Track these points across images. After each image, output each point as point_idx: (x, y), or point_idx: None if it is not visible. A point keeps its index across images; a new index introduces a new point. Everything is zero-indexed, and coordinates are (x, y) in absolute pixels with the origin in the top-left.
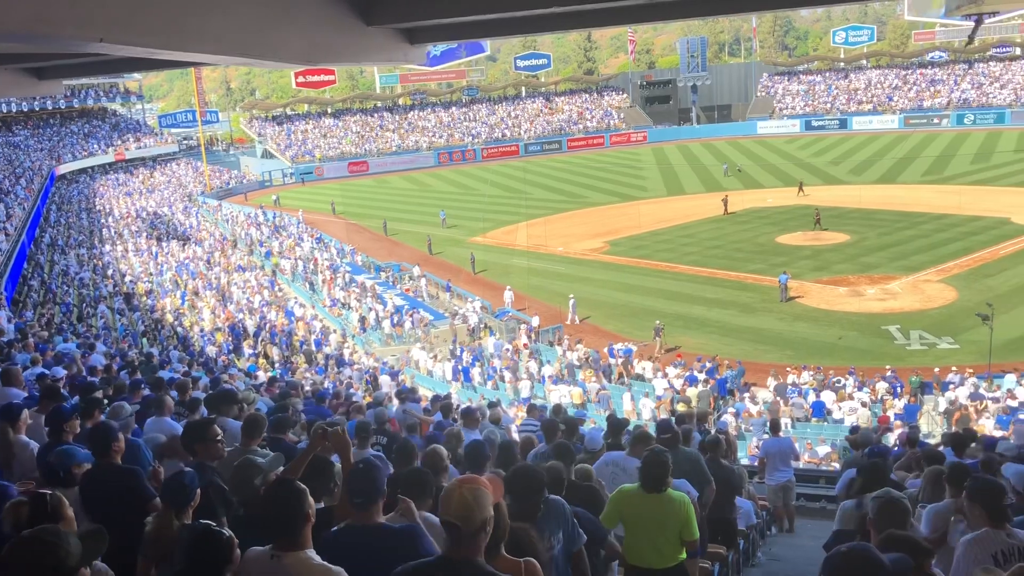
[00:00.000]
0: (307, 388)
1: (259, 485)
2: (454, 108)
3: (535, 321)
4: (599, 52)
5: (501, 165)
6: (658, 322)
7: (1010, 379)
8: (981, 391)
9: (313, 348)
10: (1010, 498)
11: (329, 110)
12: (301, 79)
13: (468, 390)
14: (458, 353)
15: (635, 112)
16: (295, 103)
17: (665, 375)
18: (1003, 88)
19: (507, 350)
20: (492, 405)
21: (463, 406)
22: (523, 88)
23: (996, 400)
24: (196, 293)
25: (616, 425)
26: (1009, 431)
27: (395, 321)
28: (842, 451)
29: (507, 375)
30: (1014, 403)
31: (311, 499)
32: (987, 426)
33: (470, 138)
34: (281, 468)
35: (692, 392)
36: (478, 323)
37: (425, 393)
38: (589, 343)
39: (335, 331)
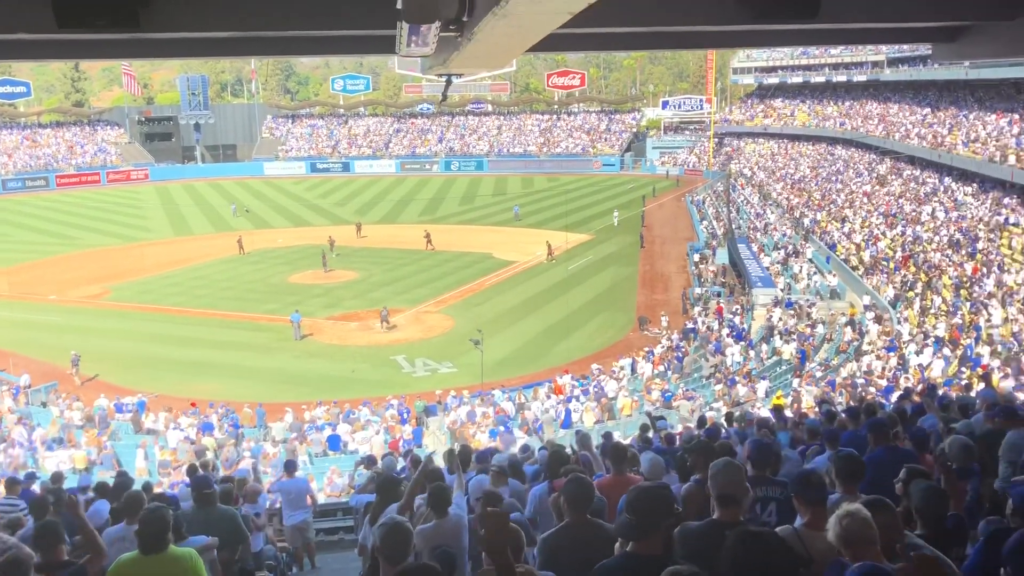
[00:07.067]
0: None
1: None
2: None
3: (24, 380)
4: (90, 83)
5: None
6: (74, 352)
7: (499, 395)
8: (476, 409)
9: None
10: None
11: None
12: None
13: None
14: None
15: (134, 148)
16: None
17: (178, 425)
18: (480, 139)
19: None
20: None
21: None
22: None
23: (487, 415)
24: None
25: (120, 487)
26: (498, 441)
27: None
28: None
29: None
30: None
31: None
32: (482, 440)
33: None
34: None
35: (209, 441)
36: None
37: None
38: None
39: None
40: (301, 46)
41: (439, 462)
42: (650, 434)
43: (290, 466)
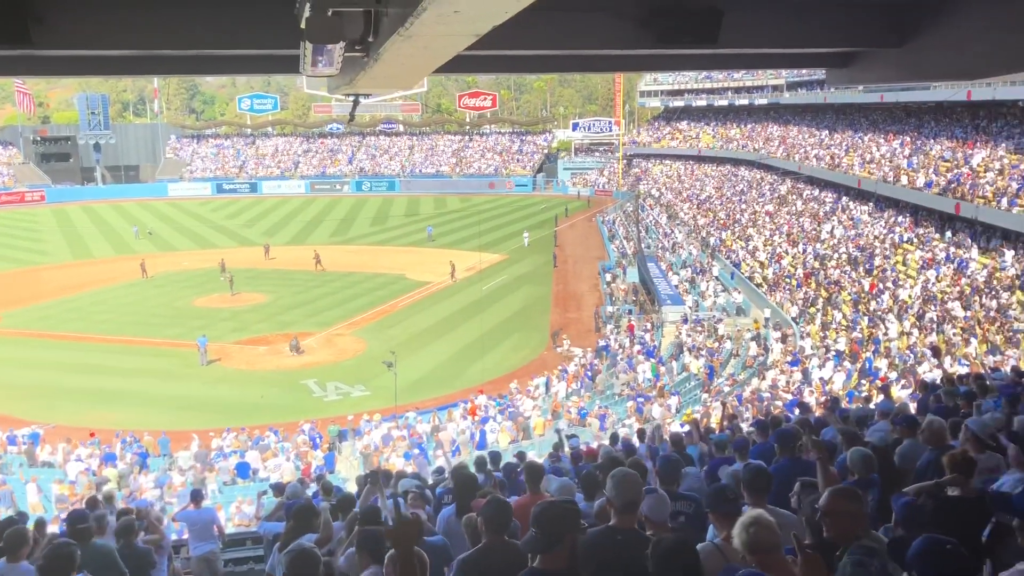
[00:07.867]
0: None
1: None
2: None
3: None
4: None
5: None
6: None
7: (412, 417)
8: (391, 432)
9: None
10: None
11: None
12: None
13: None
14: None
15: (29, 169)
16: None
17: (78, 457)
18: (392, 159)
19: None
20: None
21: None
22: None
23: (401, 438)
24: None
25: (5, 524)
26: (412, 464)
27: None
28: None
29: None
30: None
31: None
32: (398, 463)
33: None
34: None
35: (112, 472)
36: None
37: None
38: None
39: None
40: (205, 65)
41: (352, 487)
42: (560, 452)
43: (196, 495)
